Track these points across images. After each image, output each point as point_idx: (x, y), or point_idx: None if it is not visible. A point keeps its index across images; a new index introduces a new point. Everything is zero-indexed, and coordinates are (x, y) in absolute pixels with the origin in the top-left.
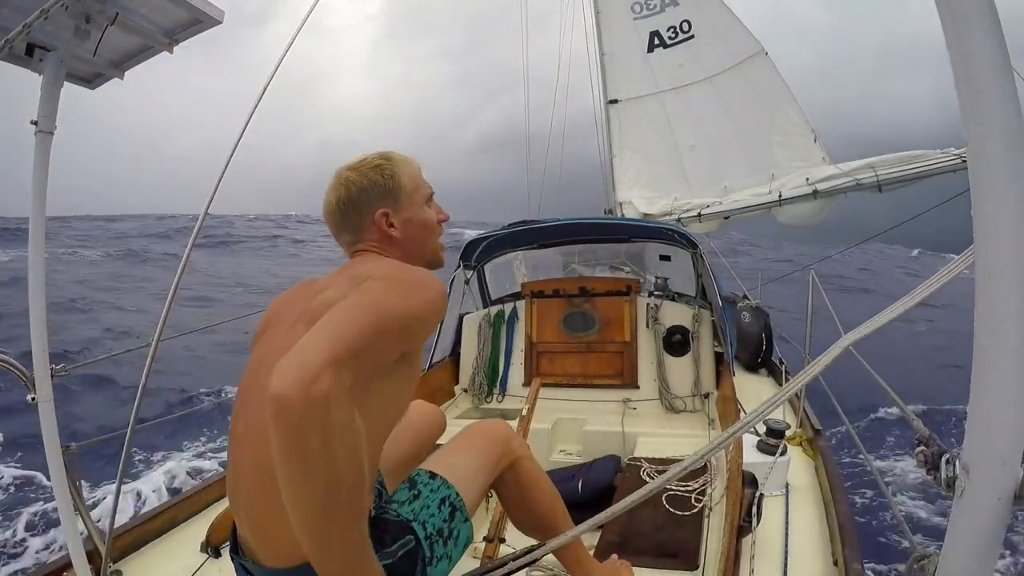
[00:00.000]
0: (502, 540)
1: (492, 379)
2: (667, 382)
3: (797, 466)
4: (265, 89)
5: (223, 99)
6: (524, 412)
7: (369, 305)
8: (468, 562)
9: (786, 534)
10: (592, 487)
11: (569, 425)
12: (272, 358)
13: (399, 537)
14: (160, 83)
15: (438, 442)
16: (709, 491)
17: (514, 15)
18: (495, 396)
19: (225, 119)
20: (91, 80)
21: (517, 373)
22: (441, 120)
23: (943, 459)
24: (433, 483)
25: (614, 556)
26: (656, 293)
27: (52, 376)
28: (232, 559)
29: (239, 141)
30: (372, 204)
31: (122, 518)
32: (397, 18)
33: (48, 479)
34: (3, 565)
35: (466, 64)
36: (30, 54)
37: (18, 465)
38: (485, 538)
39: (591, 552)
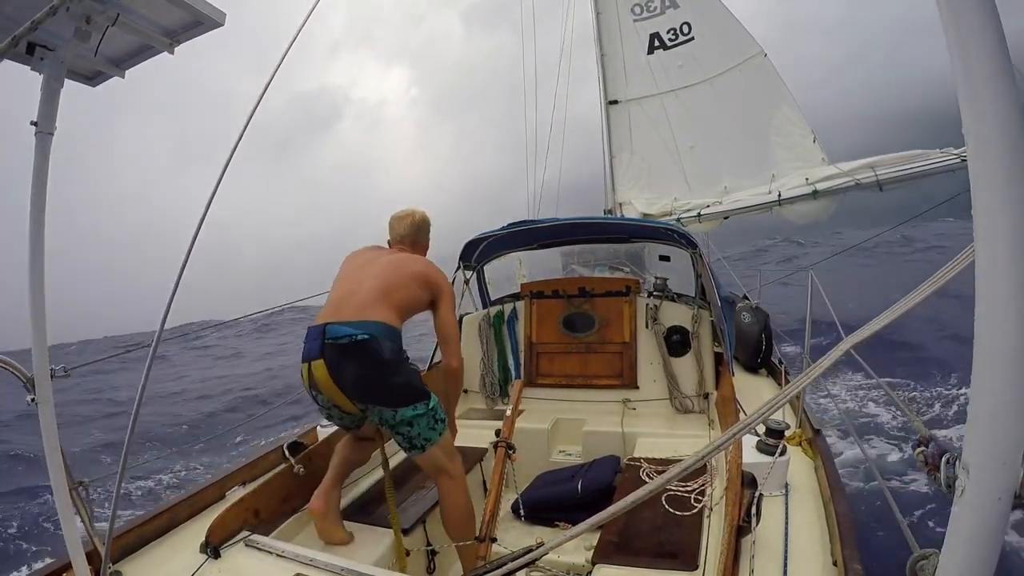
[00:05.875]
0: (493, 539)
1: (504, 380)
2: (676, 381)
3: (797, 466)
4: (267, 87)
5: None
6: (508, 413)
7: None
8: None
9: (786, 534)
10: (592, 487)
11: (569, 425)
12: (367, 276)
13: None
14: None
15: None
16: (709, 491)
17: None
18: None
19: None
20: (92, 78)
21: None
22: (494, 184)
23: (943, 459)
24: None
25: None
26: (655, 293)
27: (52, 377)
28: (325, 346)
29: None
30: (426, 234)
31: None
32: (439, 100)
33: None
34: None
35: (508, 130)
36: (31, 53)
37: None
38: (476, 538)
39: (590, 552)
